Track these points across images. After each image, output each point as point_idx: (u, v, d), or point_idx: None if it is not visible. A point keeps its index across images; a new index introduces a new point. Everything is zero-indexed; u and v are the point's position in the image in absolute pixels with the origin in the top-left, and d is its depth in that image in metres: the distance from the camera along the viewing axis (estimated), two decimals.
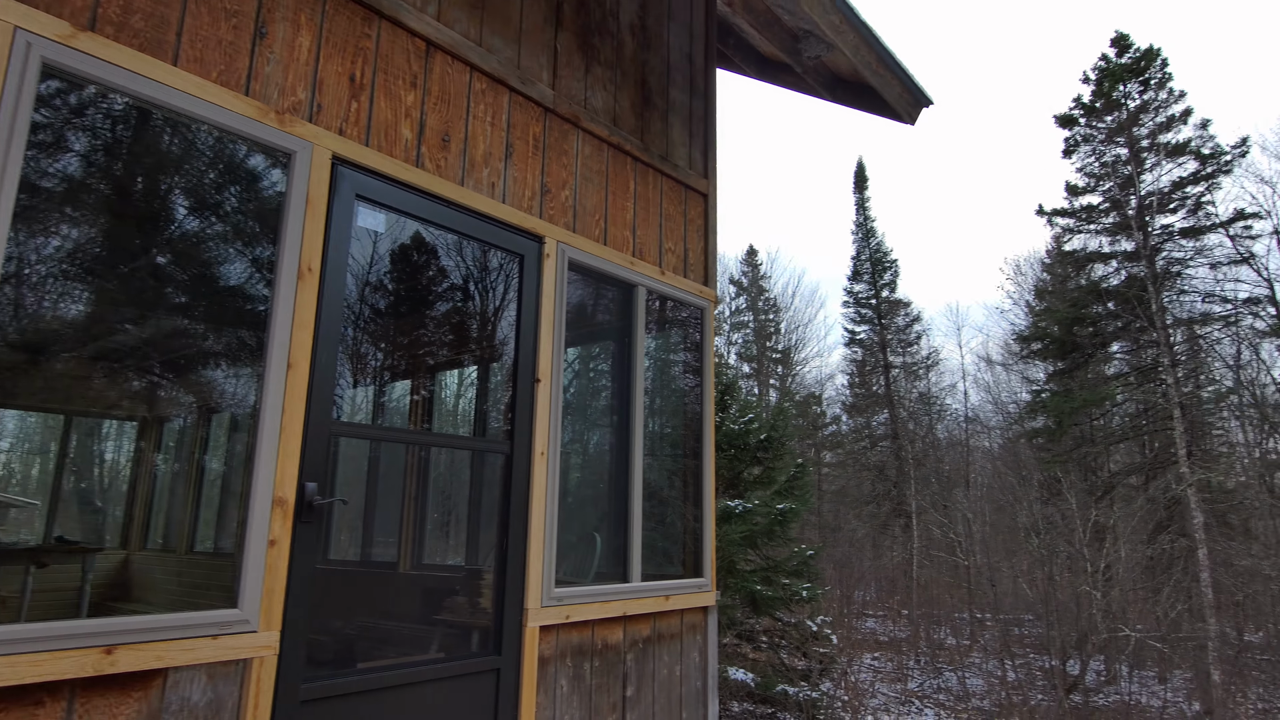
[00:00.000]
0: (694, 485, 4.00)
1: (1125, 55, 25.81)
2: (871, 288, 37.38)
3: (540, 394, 3.18)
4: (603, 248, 3.65)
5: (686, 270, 4.17)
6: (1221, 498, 21.90)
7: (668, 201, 4.14)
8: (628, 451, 3.58)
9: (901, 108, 4.69)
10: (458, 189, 3.02)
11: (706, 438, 4.02)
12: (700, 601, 3.88)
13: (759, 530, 12.75)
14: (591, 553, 3.68)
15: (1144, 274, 23.58)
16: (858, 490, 35.13)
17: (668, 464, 3.98)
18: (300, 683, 2.34)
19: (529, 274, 3.25)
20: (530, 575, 3.03)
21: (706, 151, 4.48)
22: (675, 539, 3.95)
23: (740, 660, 12.18)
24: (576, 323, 3.64)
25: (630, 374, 3.66)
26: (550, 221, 3.42)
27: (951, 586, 25.87)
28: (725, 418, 13.62)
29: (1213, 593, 19.52)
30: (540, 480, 3.13)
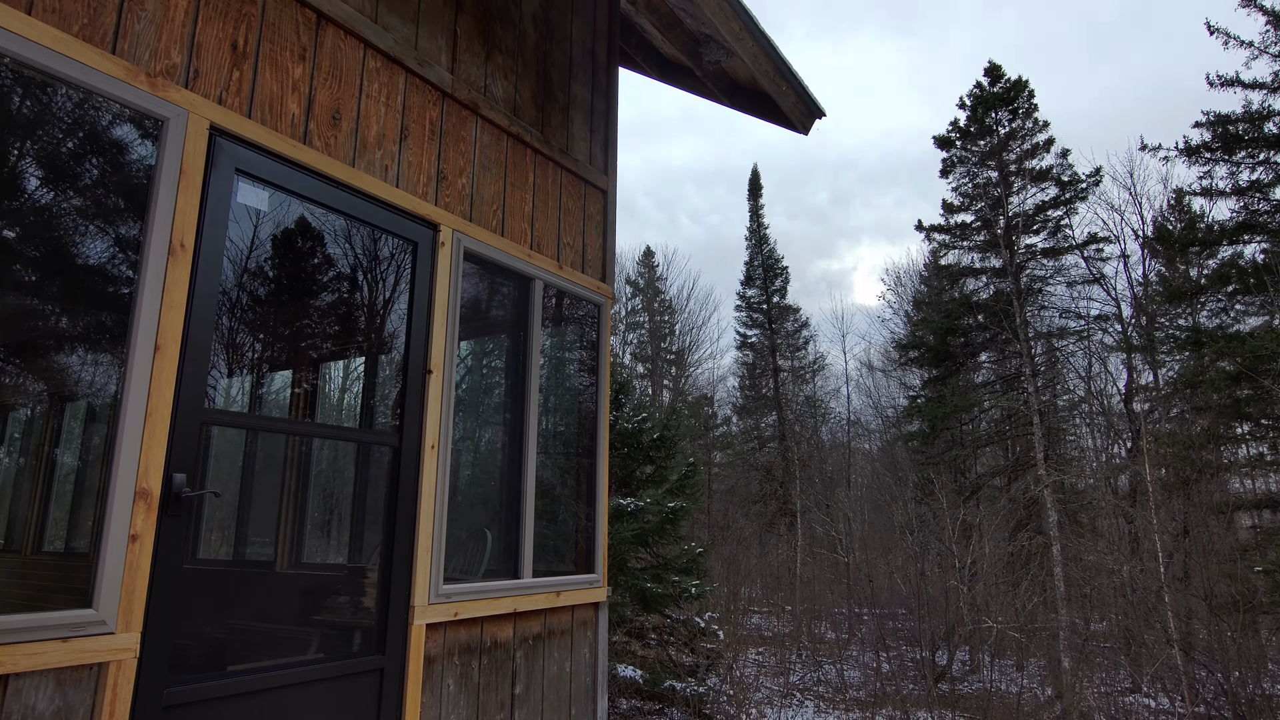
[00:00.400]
0: (587, 482, 3.99)
1: (997, 85, 27.62)
2: (763, 293, 38.46)
3: (432, 386, 3.10)
4: (500, 239, 3.59)
5: (585, 266, 4.16)
6: (1073, 498, 23.77)
7: (567, 196, 4.12)
8: (521, 447, 3.54)
9: (796, 117, 4.85)
10: (348, 170, 2.90)
11: (601, 435, 4.02)
12: (592, 597, 3.87)
13: (650, 528, 12.88)
14: (482, 549, 3.61)
15: (1010, 289, 25.33)
16: (746, 490, 36.06)
17: (562, 461, 3.96)
18: (164, 687, 2.18)
19: (422, 262, 3.16)
20: (418, 572, 2.95)
21: (607, 148, 4.48)
22: (568, 536, 3.93)
23: (630, 657, 12.26)
24: (472, 315, 3.56)
25: (525, 369, 3.62)
26: (446, 209, 3.34)
27: (832, 583, 26.94)
28: (619, 416, 13.69)
29: (1064, 586, 21.15)
30: (430, 474, 3.04)
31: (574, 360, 4.07)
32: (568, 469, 3.97)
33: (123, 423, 2.13)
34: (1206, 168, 17.18)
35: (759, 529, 33.66)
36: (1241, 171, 16.74)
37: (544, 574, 3.65)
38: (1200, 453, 16.44)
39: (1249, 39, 16.68)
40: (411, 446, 3.00)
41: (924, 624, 20.61)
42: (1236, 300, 18.03)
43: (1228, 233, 16.78)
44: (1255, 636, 15.10)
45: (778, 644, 25.56)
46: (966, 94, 27.63)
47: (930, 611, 20.71)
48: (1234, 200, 16.94)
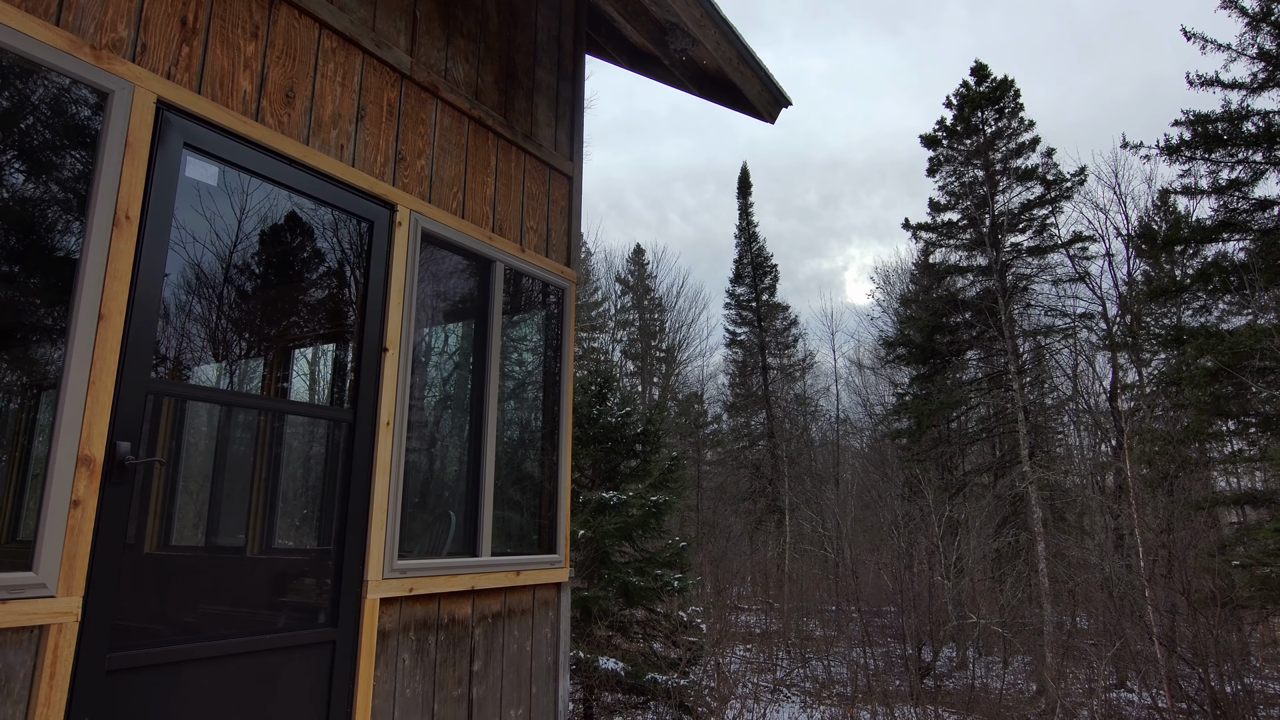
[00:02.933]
0: (550, 465, 4.03)
1: (984, 84, 27.77)
2: (752, 291, 38.55)
3: (388, 363, 3.13)
4: (460, 221, 3.63)
5: (549, 250, 4.20)
6: (1059, 495, 23.94)
7: (531, 180, 4.16)
8: (480, 428, 3.57)
9: (762, 106, 4.90)
10: (302, 148, 2.93)
11: (563, 418, 4.06)
12: (553, 578, 3.91)
13: (634, 522, 12.92)
14: (447, 530, 3.64)
15: (995, 287, 25.48)
16: (735, 487, 36.15)
17: (524, 443, 4.00)
18: (107, 652, 2.21)
19: (379, 241, 3.19)
20: (372, 546, 2.98)
21: (573, 135, 4.52)
22: (530, 517, 3.97)
23: (613, 650, 12.30)
24: (431, 296, 3.59)
25: (486, 350, 3.65)
26: (404, 190, 3.37)
27: (820, 580, 27.05)
28: (604, 410, 13.72)
29: (1048, 582, 21.29)
30: (385, 451, 3.07)
31: (537, 342, 4.11)
32: (530, 451, 4.01)
33: (65, 390, 2.16)
34: (1187, 166, 17.34)
35: (748, 526, 33.77)
36: (1221, 170, 16.90)
37: (505, 553, 3.68)
38: (1182, 449, 16.59)
39: (1226, 42, 16.87)
40: (366, 423, 3.03)
41: (910, 620, 20.73)
42: (1219, 299, 18.20)
43: (1209, 231, 16.94)
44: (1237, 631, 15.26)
45: (765, 640, 25.65)
46: (953, 93, 27.78)
47: (916, 608, 20.83)
48: (1214, 199, 17.10)
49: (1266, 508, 16.58)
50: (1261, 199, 16.48)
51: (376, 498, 3.01)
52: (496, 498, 3.64)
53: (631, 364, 42.96)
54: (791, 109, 5.08)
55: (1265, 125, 16.32)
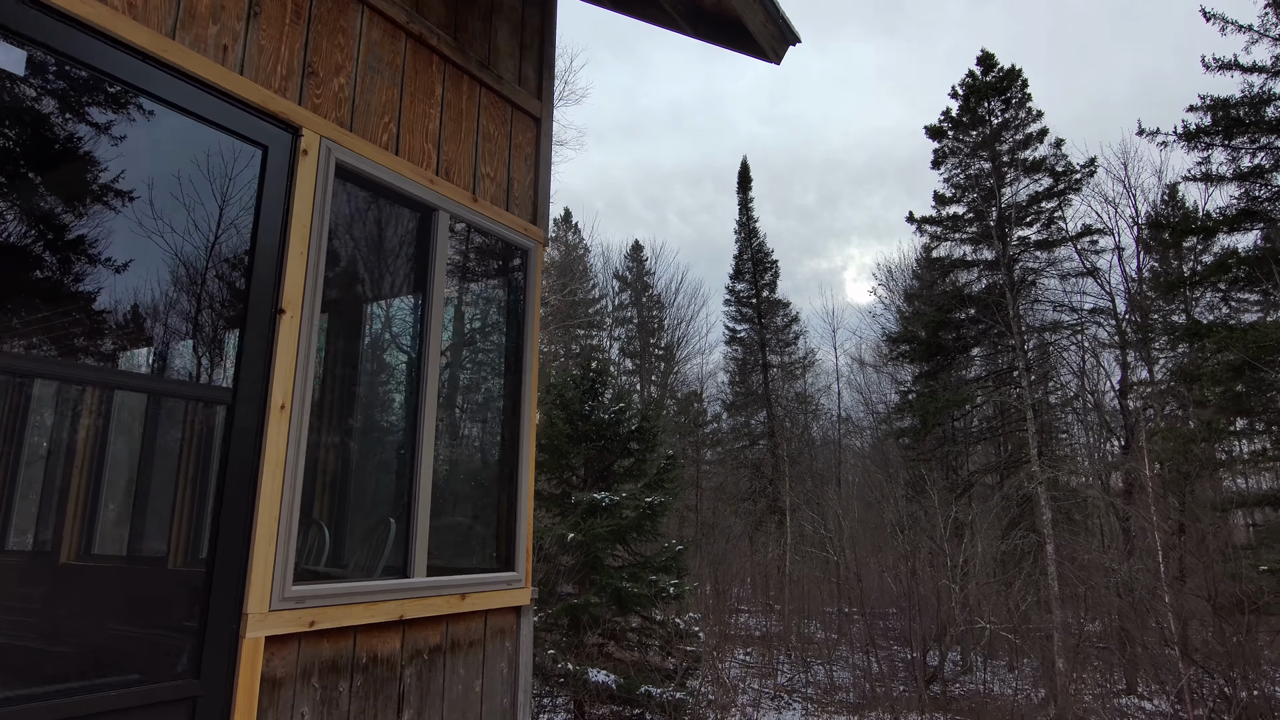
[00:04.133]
0: (508, 462, 3.30)
1: (990, 74, 27.02)
2: (752, 287, 37.81)
3: (284, 330, 2.41)
4: (393, 157, 2.91)
5: (509, 203, 3.48)
6: (1067, 495, 23.21)
7: (488, 118, 3.44)
8: (415, 418, 2.85)
9: (766, 42, 4.17)
10: (162, 41, 2.21)
11: (526, 406, 3.33)
12: (510, 600, 3.19)
13: (628, 525, 12.19)
14: (384, 542, 2.94)
15: (1002, 282, 24.73)
16: (735, 487, 35.43)
17: (475, 436, 3.28)
18: None
19: (274, 172, 2.46)
20: (255, 567, 2.25)
21: (541, 69, 3.80)
22: (482, 526, 3.25)
23: (604, 661, 11.58)
24: (354, 250, 2.88)
25: (424, 321, 2.93)
26: (315, 111, 2.65)
27: (821, 582, 26.34)
28: (596, 406, 13.00)
29: (1058, 585, 20.57)
30: (277, 441, 2.35)
31: (494, 314, 3.39)
32: (484, 447, 3.29)
33: None
34: (1205, 153, 16.62)
35: (748, 527, 33.04)
36: (1242, 157, 16.18)
37: (446, 571, 2.96)
38: (1201, 448, 15.89)
39: (1247, 23, 16.14)
40: (251, 405, 2.30)
41: (915, 624, 20.03)
42: (1237, 290, 17.47)
43: (1229, 220, 16.22)
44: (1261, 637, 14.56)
45: (766, 644, 24.96)
46: (959, 83, 27.04)
47: (921, 611, 20.11)
48: (1235, 187, 16.38)
49: None
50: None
51: (263, 504, 2.29)
52: (438, 504, 2.92)
53: (630, 362, 42.25)
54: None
55: None
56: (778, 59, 4.29)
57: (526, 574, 3.27)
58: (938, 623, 20.14)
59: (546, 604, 11.57)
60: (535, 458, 3.45)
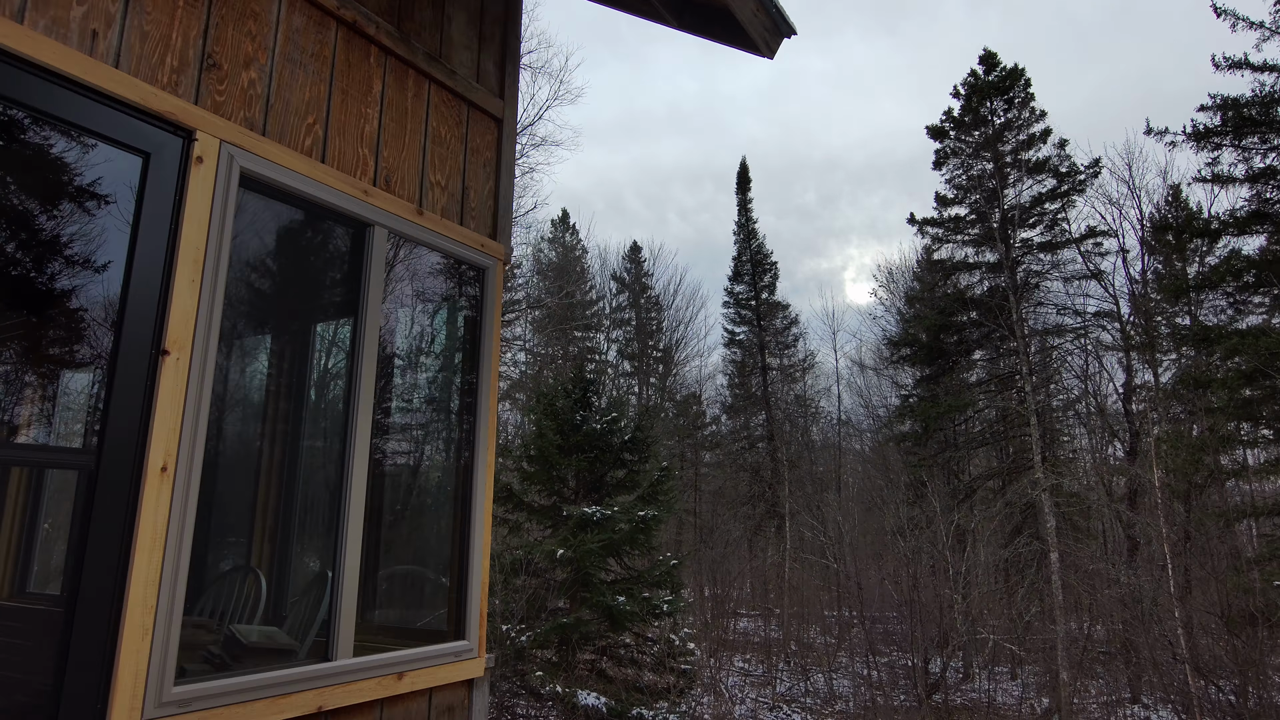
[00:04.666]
0: (459, 513, 2.88)
1: (992, 73, 26.59)
2: (751, 289, 37.40)
3: (168, 374, 1.99)
4: (317, 165, 2.49)
5: (464, 215, 3.06)
6: (1071, 501, 22.79)
7: (439, 119, 3.02)
8: (343, 469, 2.44)
9: (757, 34, 3.76)
10: (7, 25, 1.79)
11: (481, 447, 2.91)
12: (460, 674, 2.77)
13: (620, 538, 11.78)
14: (254, 597, 2.53)
15: (1006, 284, 24.29)
16: (735, 491, 35.02)
17: (418, 484, 2.86)
18: None
19: (158, 185, 2.05)
20: (122, 668, 1.84)
21: (504, 63, 3.38)
22: (427, 589, 2.83)
23: (596, 680, 11.17)
24: (269, 274, 2.46)
25: (356, 354, 2.52)
26: (215, 112, 2.23)
27: (821, 588, 25.92)
28: (588, 416, 12.58)
29: (1062, 594, 20.15)
30: (156, 512, 1.93)
31: (445, 343, 2.98)
32: (429, 497, 2.88)
33: None
34: (1214, 154, 16.19)
35: (747, 531, 32.62)
36: (1253, 157, 15.76)
37: (381, 649, 2.54)
38: (1214, 456, 15.46)
39: (1259, 19, 15.71)
40: (119, 469, 1.89)
41: (916, 632, 19.62)
42: (1252, 293, 17.04)
43: (1239, 222, 15.79)
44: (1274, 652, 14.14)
45: (765, 650, 24.55)
46: (960, 83, 26.60)
47: (923, 620, 19.71)
48: (1245, 188, 15.95)
49: None
50: None
51: (135, 586, 1.87)
52: (374, 566, 2.51)
53: (628, 364, 41.82)
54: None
55: None
56: (771, 53, 3.87)
57: (480, 641, 2.85)
58: (940, 631, 19.74)
59: (536, 621, 11.17)
60: (492, 507, 3.03)
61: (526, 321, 39.57)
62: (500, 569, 11.21)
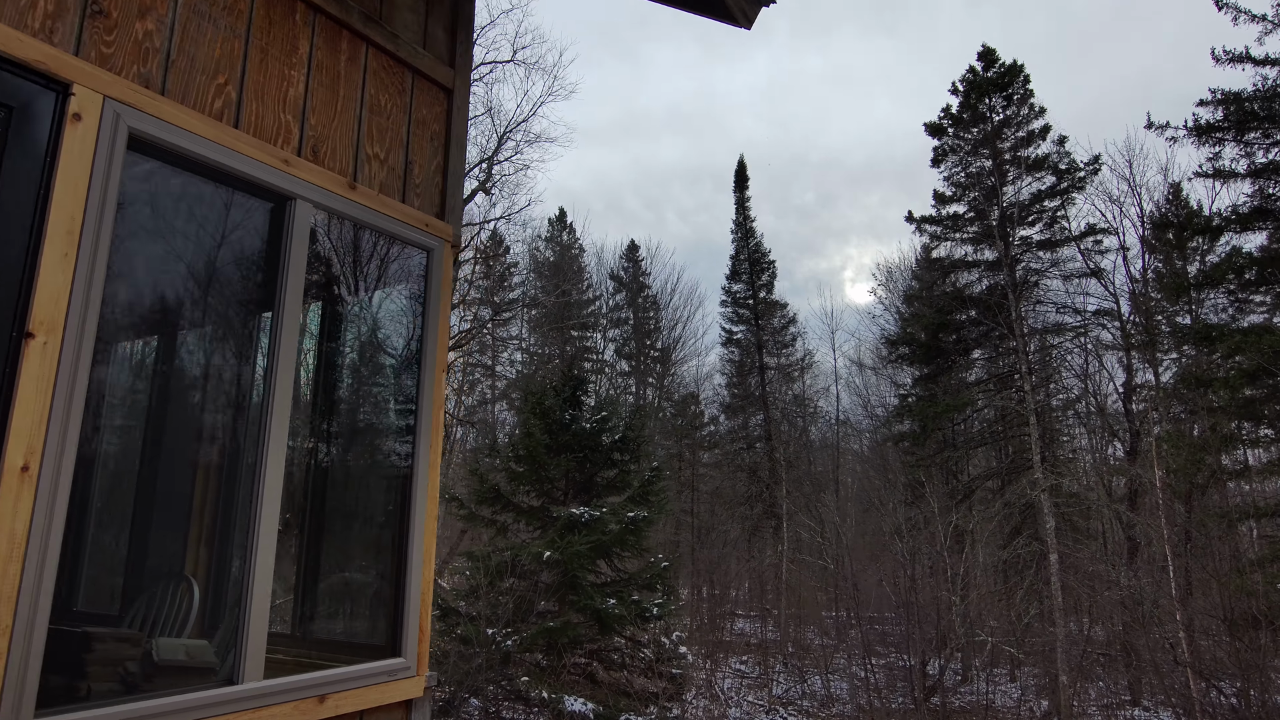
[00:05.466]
0: (397, 520, 2.62)
1: (991, 70, 26.33)
2: (749, 288, 37.14)
3: (32, 360, 1.74)
4: (227, 130, 2.23)
5: (406, 192, 2.80)
6: (1071, 502, 22.52)
7: (378, 86, 2.76)
8: (256, 468, 2.18)
9: (734, 1, 3.50)
10: None
11: (423, 444, 2.65)
12: (395, 695, 2.51)
13: (610, 540, 11.52)
14: (184, 609, 2.28)
15: (1004, 283, 24.01)
16: (732, 491, 34.77)
17: (348, 486, 2.61)
18: None
19: (21, 142, 1.79)
20: None
21: (455, 29, 3.12)
22: (358, 601, 2.57)
23: (583, 687, 10.90)
24: (169, 250, 2.20)
25: (275, 336, 2.26)
26: (101, 65, 1.97)
27: (818, 589, 25.66)
28: (577, 416, 12.32)
29: (1061, 596, 19.89)
30: (15, 517, 1.68)
31: (384, 332, 2.72)
32: (363, 500, 2.62)
33: None
34: (1216, 149, 15.92)
35: (745, 532, 32.36)
36: (1255, 152, 15.49)
37: (301, 668, 2.28)
38: (1215, 456, 15.19)
39: (1261, 12, 15.45)
40: None
41: (914, 634, 19.38)
42: (1254, 291, 16.77)
43: (1241, 218, 15.53)
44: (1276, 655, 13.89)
45: (762, 651, 24.28)
46: (959, 79, 26.33)
47: (921, 621, 19.46)
48: (1248, 184, 15.69)
49: None
50: None
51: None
52: (306, 579, 2.25)
53: (625, 363, 41.55)
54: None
55: None
56: (748, 22, 3.61)
57: (419, 658, 2.59)
58: (937, 633, 19.49)
59: (523, 625, 10.90)
60: (437, 511, 2.77)
61: (523, 321, 39.32)
62: (485, 571, 10.95)
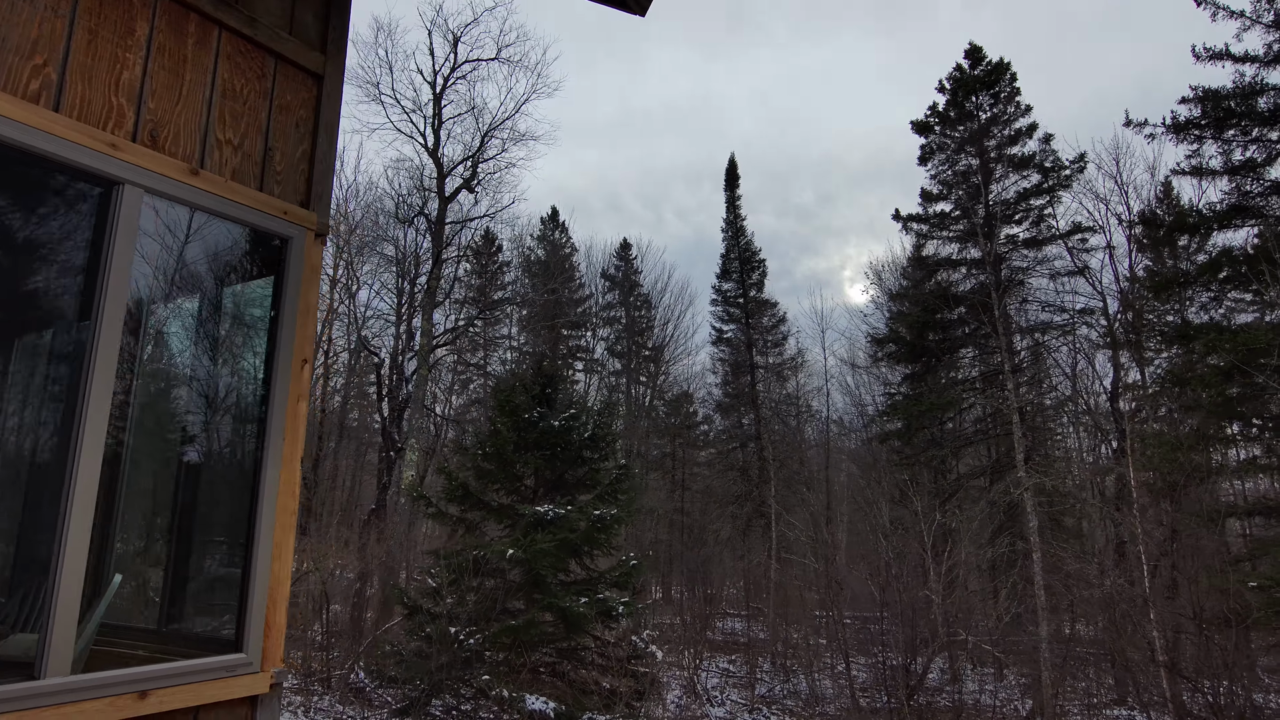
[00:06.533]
0: (244, 512, 2.57)
1: (978, 67, 26.27)
2: (740, 286, 37.10)
3: None
4: (45, 113, 2.18)
5: (264, 179, 2.75)
6: (1056, 501, 22.47)
7: (232, 70, 2.71)
8: (71, 452, 2.13)
9: None
10: None
11: (273, 438, 2.60)
12: (234, 691, 2.46)
13: (578, 538, 11.46)
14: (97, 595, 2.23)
15: (989, 281, 23.95)
16: (723, 490, 34.75)
17: (198, 478, 2.55)
18: None
19: None
20: None
21: (328, 15, 3.07)
22: (200, 596, 2.52)
23: (549, 686, 10.84)
24: None
25: (95, 325, 2.21)
26: None
27: (804, 588, 25.62)
28: (545, 414, 12.27)
29: (1044, 595, 19.85)
30: None
31: (231, 321, 2.67)
32: (209, 496, 2.56)
33: None
34: (1195, 146, 15.88)
35: (736, 531, 32.33)
36: (1233, 150, 15.45)
37: (139, 661, 2.23)
38: (1189, 455, 15.15)
39: (1239, 8, 15.41)
40: None
41: (899, 633, 19.34)
42: (1229, 289, 16.72)
43: (1219, 216, 15.48)
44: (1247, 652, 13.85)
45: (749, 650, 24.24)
46: (946, 77, 26.27)
47: (904, 620, 19.44)
48: (1226, 181, 15.63)
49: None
50: (1278, 181, 15.03)
51: None
52: (117, 560, 2.20)
53: (617, 362, 41.50)
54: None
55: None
56: (642, 9, 3.56)
57: (265, 654, 2.54)
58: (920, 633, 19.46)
59: (488, 624, 10.85)
60: (296, 494, 2.72)
61: (512, 321, 39.25)
62: (450, 570, 10.90)
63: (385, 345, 26.69)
